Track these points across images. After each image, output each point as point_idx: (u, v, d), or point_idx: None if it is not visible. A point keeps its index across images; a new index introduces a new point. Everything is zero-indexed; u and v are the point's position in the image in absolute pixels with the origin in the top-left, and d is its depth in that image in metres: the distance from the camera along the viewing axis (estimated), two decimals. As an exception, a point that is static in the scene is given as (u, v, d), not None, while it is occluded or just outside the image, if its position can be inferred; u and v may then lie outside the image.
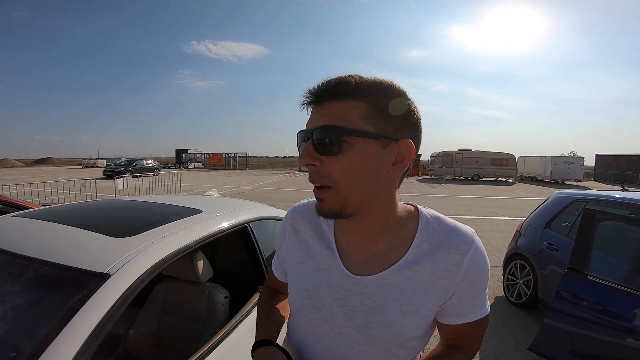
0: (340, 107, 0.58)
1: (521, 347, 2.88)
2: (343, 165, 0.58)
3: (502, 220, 8.75)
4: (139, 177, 11.64)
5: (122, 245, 1.18)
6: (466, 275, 0.64)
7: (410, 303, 0.64)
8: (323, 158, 0.59)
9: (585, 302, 2.00)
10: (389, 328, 0.64)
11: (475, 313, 0.68)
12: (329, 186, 0.60)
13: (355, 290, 0.66)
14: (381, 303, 0.65)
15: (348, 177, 0.59)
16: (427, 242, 0.66)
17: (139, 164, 24.20)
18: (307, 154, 0.60)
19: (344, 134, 0.57)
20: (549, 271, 3.28)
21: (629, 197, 2.92)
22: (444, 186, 18.64)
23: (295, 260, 0.76)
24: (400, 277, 0.65)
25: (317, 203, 0.64)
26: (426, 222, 0.68)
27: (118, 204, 1.94)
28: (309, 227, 0.76)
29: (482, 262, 0.66)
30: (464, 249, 0.64)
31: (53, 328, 0.86)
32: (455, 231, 0.67)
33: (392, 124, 0.59)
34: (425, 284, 0.64)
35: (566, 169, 22.87)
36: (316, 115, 0.60)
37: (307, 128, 0.61)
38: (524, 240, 3.80)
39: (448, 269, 0.64)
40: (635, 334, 1.80)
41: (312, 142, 0.59)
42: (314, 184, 0.62)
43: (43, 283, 1.04)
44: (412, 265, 0.65)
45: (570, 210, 3.44)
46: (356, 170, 0.59)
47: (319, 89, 0.60)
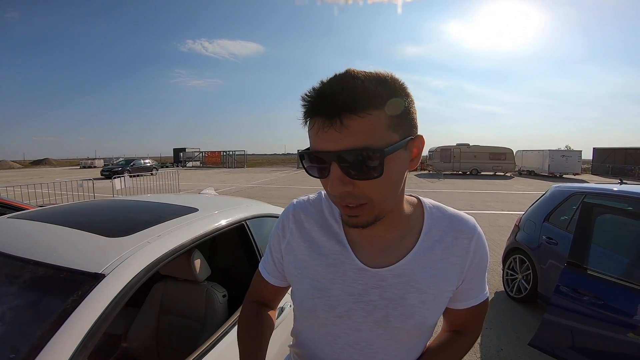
0: (365, 123, 0.51)
1: (522, 342, 2.88)
2: (382, 184, 0.55)
3: (501, 215, 8.76)
4: (136, 176, 11.60)
5: (117, 245, 1.17)
6: (473, 260, 0.66)
7: (429, 292, 0.64)
8: (357, 182, 0.54)
9: (585, 297, 2.00)
10: (410, 319, 0.64)
11: (479, 296, 0.71)
12: (363, 204, 0.56)
13: (372, 283, 0.64)
14: (401, 294, 0.64)
15: (384, 192, 0.57)
16: (436, 229, 0.67)
17: (136, 163, 24.12)
18: (340, 182, 0.53)
19: (384, 157, 0.52)
20: (548, 265, 3.28)
21: (627, 190, 2.92)
22: (442, 181, 18.66)
23: (300, 258, 0.71)
24: (416, 266, 0.65)
25: (349, 219, 0.59)
26: (430, 210, 0.70)
27: (113, 204, 1.93)
28: (314, 223, 0.72)
29: (484, 247, 0.69)
30: (469, 234, 0.67)
31: (48, 329, 0.86)
32: (458, 217, 0.69)
33: (408, 124, 0.57)
34: (441, 271, 0.65)
35: (564, 162, 22.92)
36: (334, 134, 0.51)
37: (327, 149, 0.53)
38: (522, 235, 3.80)
39: (458, 254, 0.66)
40: (636, 329, 1.80)
41: (340, 167, 0.53)
42: (345, 205, 0.57)
43: (38, 284, 1.03)
44: (426, 253, 0.65)
45: (568, 204, 3.44)
46: (391, 183, 0.57)
47: (331, 101, 0.51)
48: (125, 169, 21.48)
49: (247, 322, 0.79)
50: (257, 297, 0.84)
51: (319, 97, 0.53)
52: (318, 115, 0.53)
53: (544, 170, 23.30)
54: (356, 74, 0.53)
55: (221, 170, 29.13)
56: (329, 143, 0.52)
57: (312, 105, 0.53)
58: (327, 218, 0.72)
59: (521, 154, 26.21)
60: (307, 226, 0.72)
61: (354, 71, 0.54)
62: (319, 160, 0.55)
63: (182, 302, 1.65)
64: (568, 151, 24.44)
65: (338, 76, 0.54)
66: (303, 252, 0.71)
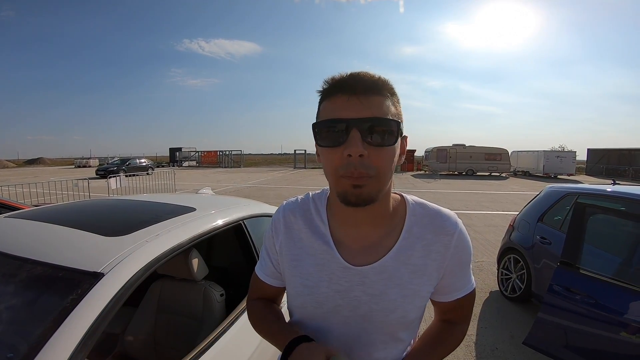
0: (384, 102, 0.61)
1: (516, 341, 2.91)
2: (390, 155, 0.62)
3: (496, 215, 8.82)
4: (132, 176, 11.54)
5: (116, 245, 1.18)
6: (455, 255, 0.70)
7: (410, 287, 0.68)
8: (371, 148, 0.59)
9: (577, 296, 2.03)
10: (393, 313, 0.68)
11: (465, 288, 0.74)
12: (370, 175, 0.60)
13: (356, 280, 0.68)
14: (383, 290, 0.68)
15: (388, 166, 0.62)
16: (417, 226, 0.71)
17: (132, 163, 23.98)
18: (360, 144, 0.58)
19: (400, 127, 0.62)
20: (542, 265, 3.32)
21: (620, 191, 2.95)
22: (438, 181, 18.74)
23: (291, 258, 0.75)
24: (397, 262, 0.68)
25: (353, 190, 0.60)
26: (413, 207, 0.73)
27: (111, 203, 1.93)
28: (302, 223, 0.75)
29: (466, 241, 0.72)
30: (450, 231, 0.70)
31: (48, 328, 0.86)
32: (440, 214, 0.72)
33: (401, 120, 0.65)
34: (420, 267, 0.69)
35: (558, 163, 23.10)
36: (358, 106, 0.59)
37: (352, 117, 0.59)
38: (517, 235, 3.84)
39: (438, 250, 0.69)
40: (628, 328, 1.83)
41: (360, 132, 0.59)
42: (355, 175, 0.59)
43: (37, 283, 1.03)
44: (406, 250, 0.69)
45: (562, 204, 3.48)
46: (393, 160, 0.63)
47: (360, 81, 0.60)
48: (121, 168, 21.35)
49: (259, 314, 0.83)
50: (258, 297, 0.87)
51: (346, 79, 0.62)
52: (344, 92, 0.61)
53: (539, 171, 23.47)
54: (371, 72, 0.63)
55: (217, 170, 29.03)
56: (352, 112, 0.59)
57: (339, 83, 0.62)
58: (314, 219, 0.75)
59: (516, 154, 26.37)
60: (296, 227, 0.76)
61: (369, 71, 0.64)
62: (339, 127, 0.60)
63: (179, 301, 1.65)
64: (562, 152, 24.64)
65: (360, 71, 0.63)
66: (294, 252, 0.75)
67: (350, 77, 0.61)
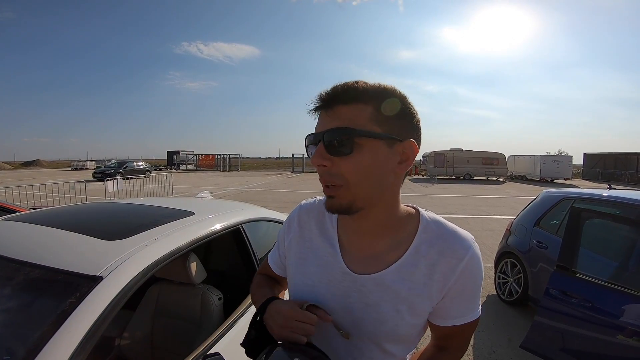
0: (349, 110, 0.61)
1: (513, 345, 2.92)
2: (353, 165, 0.61)
3: (493, 219, 8.86)
4: (129, 179, 11.50)
5: (114, 248, 1.18)
6: (458, 280, 0.66)
7: (405, 303, 0.66)
8: (334, 158, 0.61)
9: (574, 300, 2.04)
10: (383, 325, 0.67)
11: (465, 316, 0.70)
12: (339, 185, 0.62)
13: (353, 287, 0.69)
14: (377, 301, 0.67)
15: (358, 175, 0.61)
16: (426, 245, 0.68)
17: (129, 166, 23.93)
18: (320, 155, 0.62)
19: (355, 135, 0.60)
20: (539, 269, 3.34)
21: (615, 196, 2.98)
22: (436, 186, 18.79)
23: (298, 256, 0.78)
24: (397, 277, 0.67)
25: (326, 200, 0.66)
26: (426, 224, 0.70)
27: (109, 206, 1.93)
28: (314, 224, 0.78)
29: (476, 270, 0.67)
30: (461, 255, 0.66)
31: (46, 331, 0.86)
32: (454, 235, 0.68)
33: (396, 126, 0.63)
34: (421, 286, 0.67)
35: (555, 167, 23.24)
36: (326, 119, 0.63)
37: (317, 131, 0.64)
38: (514, 239, 3.86)
39: (443, 271, 0.66)
40: (625, 331, 1.84)
41: (323, 144, 0.62)
42: (324, 184, 0.64)
43: (35, 286, 1.03)
44: (409, 267, 0.67)
45: (558, 209, 3.50)
46: (365, 168, 0.61)
47: (328, 94, 0.63)
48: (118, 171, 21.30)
49: (256, 284, 0.91)
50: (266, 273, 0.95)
51: (324, 94, 0.64)
52: (320, 107, 0.64)
53: (536, 175, 23.59)
54: (359, 80, 0.64)
55: (215, 174, 28.99)
56: (321, 126, 0.63)
57: (320, 101, 0.64)
58: (325, 222, 0.77)
59: (513, 159, 26.51)
60: (308, 227, 0.79)
61: (359, 80, 0.64)
62: (312, 140, 0.65)
63: (177, 305, 1.65)
64: (559, 156, 24.80)
65: (349, 81, 0.64)
66: (301, 251, 0.78)
67: (332, 89, 0.63)
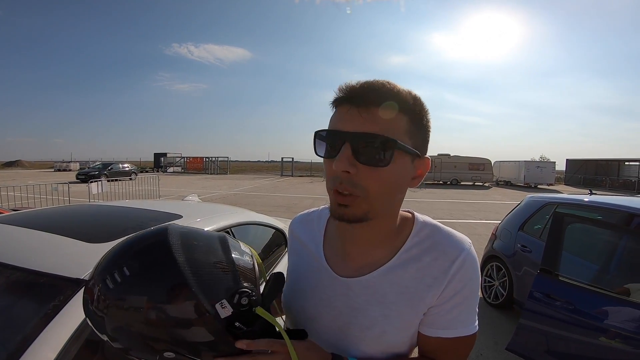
0: (388, 117, 0.55)
1: (499, 347, 2.97)
2: (382, 178, 0.56)
3: (479, 224, 9.00)
4: (114, 181, 11.28)
5: (99, 251, 1.14)
6: (450, 283, 0.61)
7: (393, 308, 0.63)
8: (362, 167, 0.55)
9: (557, 302, 2.09)
10: (369, 330, 0.64)
11: (456, 329, 0.62)
12: (357, 195, 0.56)
13: (340, 291, 0.67)
14: (363, 305, 0.65)
15: (382, 188, 0.57)
16: (417, 248, 0.65)
17: (114, 167, 23.46)
18: (346, 160, 0.54)
19: (396, 147, 0.55)
20: (523, 272, 3.40)
21: (596, 201, 3.07)
22: (423, 190, 18.99)
23: (292, 262, 0.81)
24: (384, 280, 0.64)
25: (337, 208, 0.58)
26: (419, 228, 0.67)
27: (94, 209, 1.89)
28: (305, 233, 0.79)
29: (471, 272, 0.63)
30: (452, 256, 0.62)
31: (29, 334, 0.84)
32: (448, 238, 0.65)
33: (422, 140, 0.61)
34: (410, 290, 0.63)
35: (539, 173, 23.80)
36: (358, 119, 0.55)
37: (346, 130, 0.56)
38: (499, 243, 3.93)
39: (434, 275, 0.62)
40: (607, 333, 1.89)
41: (351, 147, 0.55)
42: (340, 191, 0.57)
43: (17, 289, 1.01)
44: (397, 270, 0.64)
45: (541, 214, 3.59)
46: (391, 183, 0.58)
47: (366, 91, 0.56)
48: (103, 172, 20.86)
49: None
50: None
51: (357, 89, 0.57)
52: (347, 102, 0.57)
53: (520, 181, 24.10)
54: (393, 83, 0.59)
55: (203, 177, 28.67)
56: (349, 124, 0.56)
57: (346, 92, 0.57)
58: (314, 228, 0.78)
59: (499, 164, 27.04)
60: (298, 235, 0.80)
61: (389, 80, 0.59)
62: (333, 138, 0.57)
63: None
64: (542, 162, 25.41)
65: (378, 80, 0.59)
66: (294, 259, 0.80)
67: (360, 86, 0.57)
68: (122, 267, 0.50)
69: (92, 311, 0.52)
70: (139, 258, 0.52)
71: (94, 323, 0.53)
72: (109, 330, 0.51)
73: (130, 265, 0.50)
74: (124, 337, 0.52)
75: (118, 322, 0.50)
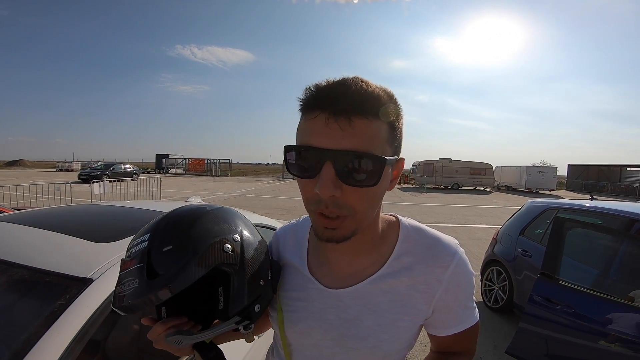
0: (370, 128, 0.49)
1: (499, 351, 2.97)
2: (369, 195, 0.53)
3: (480, 228, 8.99)
4: (116, 181, 11.31)
5: (105, 251, 1.17)
6: (449, 290, 0.62)
7: (387, 316, 0.62)
8: (347, 188, 0.50)
9: (557, 306, 2.10)
10: (365, 341, 0.62)
11: (464, 323, 0.66)
12: (345, 215, 0.53)
13: (330, 303, 0.65)
14: (356, 316, 0.63)
15: (367, 204, 0.54)
16: (407, 255, 0.64)
17: (116, 168, 23.54)
18: (332, 184, 0.49)
19: (385, 165, 0.50)
20: (523, 277, 3.41)
21: (597, 206, 3.08)
22: (425, 195, 18.99)
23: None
24: (376, 289, 0.63)
25: (325, 231, 0.55)
26: (406, 233, 0.66)
27: (98, 209, 1.91)
28: (288, 245, 0.76)
29: (465, 275, 0.64)
30: (446, 262, 0.62)
31: (35, 332, 0.85)
32: (437, 243, 0.64)
33: (399, 142, 0.56)
34: (403, 298, 0.62)
35: (540, 178, 23.76)
36: (338, 132, 0.48)
37: (326, 147, 0.49)
38: (499, 247, 3.93)
39: (428, 282, 0.62)
40: (607, 337, 1.89)
41: (334, 167, 0.49)
42: (327, 215, 0.53)
43: (23, 288, 1.02)
44: (389, 278, 0.63)
45: (542, 219, 3.59)
46: (376, 197, 0.55)
47: (344, 98, 0.48)
48: (104, 173, 20.93)
49: None
50: None
51: (329, 91, 0.50)
52: (323, 110, 0.49)
53: (521, 186, 24.07)
54: (366, 80, 0.52)
55: (205, 178, 28.72)
56: (329, 140, 0.48)
57: (319, 96, 0.50)
58: (297, 242, 0.75)
59: (500, 169, 27.02)
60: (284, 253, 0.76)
61: (363, 78, 0.52)
62: (310, 157, 0.51)
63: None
64: (544, 167, 25.37)
65: (349, 78, 0.51)
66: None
67: (335, 87, 0.50)
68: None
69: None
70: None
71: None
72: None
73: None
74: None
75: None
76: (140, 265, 0.55)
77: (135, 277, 0.54)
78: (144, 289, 0.53)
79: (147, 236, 0.59)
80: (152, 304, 0.55)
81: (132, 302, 0.53)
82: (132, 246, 0.60)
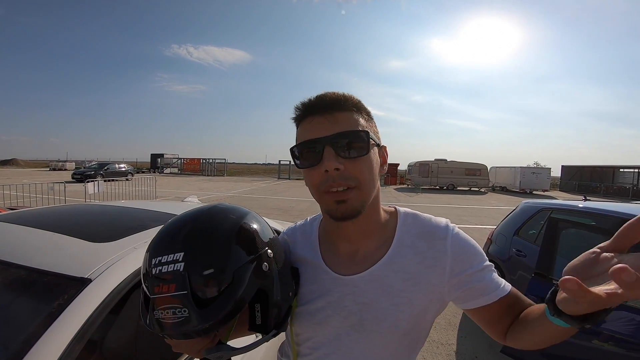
0: (350, 117, 0.65)
1: (495, 350, 3.00)
2: (366, 164, 0.64)
3: (475, 229, 9.04)
4: (111, 181, 11.22)
5: (103, 251, 1.17)
6: (457, 256, 0.67)
7: (402, 295, 0.66)
8: (346, 161, 0.62)
9: (550, 305, 2.12)
10: (384, 322, 0.66)
11: (500, 289, 0.66)
12: (352, 187, 0.63)
13: (346, 290, 0.69)
14: (373, 298, 0.67)
15: (369, 174, 0.65)
16: (408, 235, 0.71)
17: (110, 167, 23.35)
18: (334, 159, 0.62)
19: (369, 137, 0.64)
20: (518, 276, 3.44)
21: (590, 207, 3.11)
22: (420, 195, 19.07)
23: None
24: (388, 270, 0.68)
25: (337, 207, 0.64)
26: (404, 218, 0.75)
27: (95, 208, 1.90)
28: (298, 243, 0.80)
29: (465, 240, 0.70)
30: (442, 235, 0.70)
31: (34, 333, 0.85)
32: (430, 222, 0.73)
33: (376, 133, 0.70)
34: (415, 275, 0.67)
35: (534, 179, 23.95)
36: (326, 125, 0.63)
37: (321, 136, 0.63)
38: (494, 247, 3.96)
39: (434, 256, 0.68)
40: (600, 336, 1.92)
41: (332, 148, 0.62)
42: (337, 188, 0.62)
43: (21, 288, 1.02)
44: (398, 258, 0.69)
45: (536, 219, 3.63)
46: (372, 168, 0.65)
47: (325, 101, 0.65)
48: (99, 172, 20.76)
49: None
50: None
51: (314, 101, 0.66)
52: (312, 114, 0.66)
53: (516, 187, 24.23)
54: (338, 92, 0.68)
55: (200, 178, 28.59)
56: (323, 131, 0.63)
57: (308, 106, 0.66)
58: (308, 236, 0.80)
59: (495, 170, 27.18)
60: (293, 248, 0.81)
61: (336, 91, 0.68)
62: (312, 148, 0.64)
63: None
64: (538, 168, 25.57)
65: (328, 91, 0.68)
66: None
67: (317, 97, 0.66)
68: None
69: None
70: None
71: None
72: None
73: None
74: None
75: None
76: (184, 292, 0.53)
77: (182, 306, 0.53)
78: (197, 319, 0.52)
79: (181, 256, 0.54)
80: (206, 332, 0.54)
81: (185, 331, 0.53)
82: (161, 263, 0.55)
